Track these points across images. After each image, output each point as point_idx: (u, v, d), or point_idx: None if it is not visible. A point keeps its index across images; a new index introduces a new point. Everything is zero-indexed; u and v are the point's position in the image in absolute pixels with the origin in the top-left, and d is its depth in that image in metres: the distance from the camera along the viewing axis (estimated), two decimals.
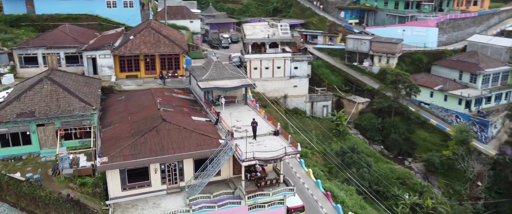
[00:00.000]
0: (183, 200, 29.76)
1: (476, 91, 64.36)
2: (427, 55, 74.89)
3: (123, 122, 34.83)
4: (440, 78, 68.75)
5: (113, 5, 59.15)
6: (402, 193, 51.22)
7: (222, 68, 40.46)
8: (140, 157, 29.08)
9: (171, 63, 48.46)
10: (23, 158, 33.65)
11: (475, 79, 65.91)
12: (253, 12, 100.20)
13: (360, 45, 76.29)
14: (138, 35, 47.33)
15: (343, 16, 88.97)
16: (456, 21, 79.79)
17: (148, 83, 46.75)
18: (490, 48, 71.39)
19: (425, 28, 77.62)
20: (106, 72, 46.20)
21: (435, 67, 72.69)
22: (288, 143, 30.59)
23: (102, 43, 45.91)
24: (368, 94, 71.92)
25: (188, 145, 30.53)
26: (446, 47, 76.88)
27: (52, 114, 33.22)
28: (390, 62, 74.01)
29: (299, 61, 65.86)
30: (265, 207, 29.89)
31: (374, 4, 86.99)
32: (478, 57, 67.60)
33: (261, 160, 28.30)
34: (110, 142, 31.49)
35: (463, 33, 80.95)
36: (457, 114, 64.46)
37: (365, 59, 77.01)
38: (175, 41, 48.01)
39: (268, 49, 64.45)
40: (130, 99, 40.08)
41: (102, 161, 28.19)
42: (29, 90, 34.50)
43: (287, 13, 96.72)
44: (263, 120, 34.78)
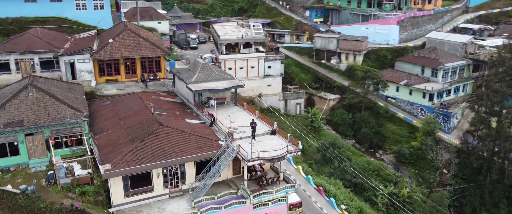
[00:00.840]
0: (187, 203, 29.93)
1: (438, 85, 68.58)
2: (390, 52, 78.64)
3: (115, 127, 34.25)
4: (404, 74, 72.53)
5: (83, 7, 57.28)
6: (379, 184, 53.77)
7: (209, 70, 40.69)
8: (143, 162, 28.90)
9: (152, 66, 47.91)
10: (12, 170, 32.27)
11: (436, 73, 70.16)
12: (218, 12, 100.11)
13: (328, 43, 78.73)
14: (117, 38, 46.34)
15: (309, 15, 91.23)
16: (415, 19, 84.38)
17: (129, 87, 46.00)
18: (447, 44, 76.21)
19: (387, 26, 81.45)
20: (85, 77, 44.91)
21: (399, 63, 76.52)
22: (287, 141, 31.56)
23: (80, 47, 44.55)
24: (338, 90, 74.46)
25: (189, 148, 30.67)
26: (408, 44, 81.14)
27: (42, 122, 32.10)
28: (357, 59, 76.98)
29: (273, 60, 67.02)
30: (268, 205, 30.70)
31: (338, 3, 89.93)
32: (437, 53, 72.02)
33: (265, 159, 29.06)
34: (107, 148, 30.95)
35: (421, 30, 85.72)
36: (422, 106, 68.38)
37: (333, 57, 79.55)
38: (156, 44, 47.46)
39: (242, 50, 65.03)
40: (117, 104, 39.34)
41: (106, 168, 27.76)
42: (14, 99, 33.07)
43: (253, 12, 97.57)
44: (258, 120, 35.48)
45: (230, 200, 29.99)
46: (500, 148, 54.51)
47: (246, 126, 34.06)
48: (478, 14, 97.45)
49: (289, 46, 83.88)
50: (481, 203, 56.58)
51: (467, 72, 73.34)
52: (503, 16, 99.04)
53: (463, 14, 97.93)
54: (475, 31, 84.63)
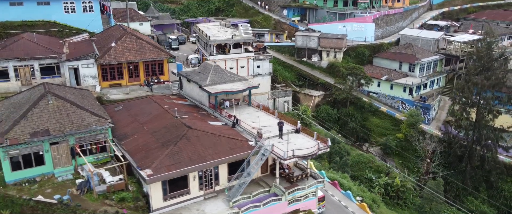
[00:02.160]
0: (223, 203, 30.70)
1: (416, 79, 72.76)
2: (368, 49, 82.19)
3: (140, 132, 34.31)
4: (384, 69, 76.21)
5: (72, 10, 55.68)
6: (373, 176, 56.66)
7: (221, 72, 41.42)
8: (181, 166, 29.36)
9: (155, 69, 47.81)
10: (37, 180, 31.55)
11: (413, 68, 74.34)
12: (194, 12, 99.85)
13: (309, 41, 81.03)
14: (119, 42, 45.84)
15: (286, 14, 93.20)
16: (388, 17, 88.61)
17: (134, 91, 45.77)
18: (420, 40, 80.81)
19: (363, 24, 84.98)
20: (89, 83, 44.15)
21: (377, 59, 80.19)
22: (313, 139, 33.08)
23: (84, 52, 43.69)
24: (322, 87, 76.97)
25: (222, 150, 31.42)
26: (383, 40, 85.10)
27: (68, 130, 31.62)
28: (338, 56, 79.82)
29: (261, 60, 68.25)
30: (301, 200, 32.10)
31: (314, 2, 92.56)
32: (413, 49, 76.26)
33: (300, 156, 30.42)
34: (140, 154, 31.08)
35: (393, 27, 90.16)
36: (402, 100, 72.29)
37: (314, 55, 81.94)
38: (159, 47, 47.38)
39: (232, 50, 65.73)
40: (131, 109, 39.17)
41: (148, 174, 28.01)
42: (34, 108, 32.28)
43: (230, 12, 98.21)
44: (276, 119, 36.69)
45: (265, 198, 31.11)
46: (479, 136, 58.99)
47: (269, 125, 35.27)
48: (441, 11, 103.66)
49: (270, 45, 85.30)
50: (463, 188, 60.94)
51: (440, 67, 78.22)
52: (463, 12, 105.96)
53: (428, 12, 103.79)
54: (443, 28, 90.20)
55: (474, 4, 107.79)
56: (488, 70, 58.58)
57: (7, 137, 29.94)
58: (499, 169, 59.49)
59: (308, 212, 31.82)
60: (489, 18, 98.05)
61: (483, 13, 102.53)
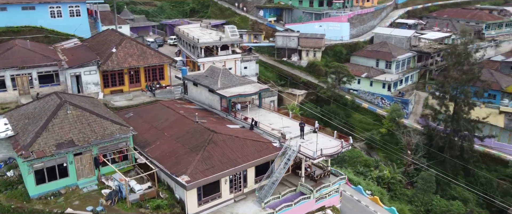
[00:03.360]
0: (254, 204, 31.45)
1: (394, 75, 76.41)
2: (345, 47, 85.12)
3: (161, 139, 34.27)
4: (363, 67, 79.34)
5: (58, 15, 53.74)
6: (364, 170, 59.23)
7: (229, 75, 41.98)
8: (215, 170, 29.81)
9: (156, 74, 47.41)
10: (62, 193, 30.77)
11: (390, 65, 77.99)
12: (169, 13, 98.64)
13: (289, 41, 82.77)
14: (119, 47, 45.05)
15: (262, 15, 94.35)
16: (361, 16, 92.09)
17: (137, 97, 45.27)
18: (393, 38, 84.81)
19: (339, 23, 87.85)
20: (92, 90, 43.16)
21: (354, 58, 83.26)
22: (333, 137, 34.54)
23: (85, 59, 42.59)
24: (304, 86, 78.95)
25: (250, 153, 32.14)
26: (359, 39, 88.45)
27: (92, 140, 31.06)
28: (317, 55, 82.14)
29: (248, 61, 69.12)
30: (326, 197, 33.45)
31: (289, 2, 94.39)
32: (389, 47, 79.98)
33: (327, 155, 31.76)
34: (170, 160, 31.17)
35: (366, 26, 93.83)
36: (382, 96, 75.71)
37: (293, 54, 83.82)
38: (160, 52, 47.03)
39: (219, 52, 66.06)
40: (143, 115, 38.82)
41: (186, 180, 28.24)
42: (54, 119, 31.41)
43: (205, 13, 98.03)
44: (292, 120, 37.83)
45: (293, 197, 32.20)
46: (457, 128, 63.18)
47: (287, 127, 36.34)
48: (406, 10, 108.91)
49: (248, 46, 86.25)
50: (444, 177, 65.02)
51: (413, 63, 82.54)
52: (425, 11, 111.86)
53: (394, 10, 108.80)
54: (411, 26, 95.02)
55: (435, 3, 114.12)
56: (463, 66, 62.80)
57: (32, 149, 29.03)
58: (475, 158, 64.00)
59: (333, 208, 33.24)
60: (450, 16, 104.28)
61: (443, 12, 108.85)
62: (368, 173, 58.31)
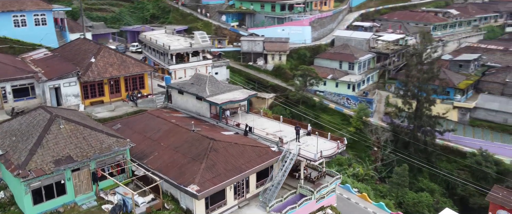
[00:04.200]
0: (258, 209, 31.92)
1: (357, 76, 79.78)
2: (308, 50, 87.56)
3: (158, 149, 33.78)
4: (327, 69, 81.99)
5: (22, 24, 50.92)
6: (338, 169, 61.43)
7: (216, 82, 42.09)
8: (222, 177, 29.94)
9: (136, 83, 46.38)
10: (61, 211, 29.44)
11: (353, 66, 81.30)
12: (127, 19, 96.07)
13: (255, 46, 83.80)
14: (98, 57, 43.61)
15: (225, 20, 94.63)
16: (322, 20, 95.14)
17: (119, 108, 44.13)
18: (353, 40, 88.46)
19: (301, 27, 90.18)
20: (72, 102, 41.47)
21: (318, 60, 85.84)
22: (327, 139, 35.80)
23: (66, 70, 40.82)
24: (272, 89, 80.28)
25: (251, 158, 32.55)
26: (321, 42, 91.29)
27: (91, 155, 30.01)
28: (282, 59, 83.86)
29: (219, 66, 69.17)
30: (325, 197, 34.59)
31: (251, 7, 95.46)
32: (350, 49, 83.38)
33: (327, 157, 32.91)
34: (173, 170, 30.86)
35: (326, 29, 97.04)
36: (347, 96, 78.73)
37: (258, 58, 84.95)
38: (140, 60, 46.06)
39: (191, 58, 65.57)
40: (132, 126, 37.92)
41: (196, 189, 28.14)
42: (47, 134, 29.99)
43: (166, 19, 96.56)
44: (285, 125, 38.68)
45: (295, 199, 33.04)
46: (420, 124, 67.33)
47: (280, 131, 37.14)
48: (360, 12, 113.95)
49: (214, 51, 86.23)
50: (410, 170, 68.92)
51: (373, 64, 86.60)
52: (377, 14, 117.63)
53: (349, 14, 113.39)
54: (367, 28, 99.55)
55: (385, 6, 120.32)
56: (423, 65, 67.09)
57: (29, 168, 27.56)
58: (437, 151, 68.47)
59: (332, 207, 34.47)
60: (400, 18, 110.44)
61: (394, 14, 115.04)
62: (342, 171, 60.52)
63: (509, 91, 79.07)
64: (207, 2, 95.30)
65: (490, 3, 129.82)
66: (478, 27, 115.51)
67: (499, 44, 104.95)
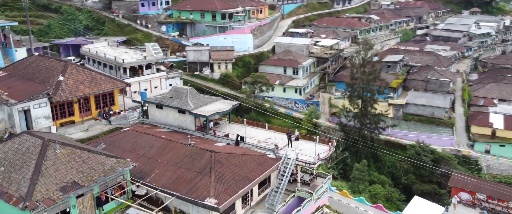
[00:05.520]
0: None
1: (303, 80, 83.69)
2: (252, 58, 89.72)
3: (158, 166, 33.14)
4: (273, 75, 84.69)
5: None
6: None
7: (196, 94, 42.11)
8: (234, 188, 30.39)
9: (106, 100, 44.39)
10: None
11: (297, 71, 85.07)
12: (58, 32, 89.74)
13: (201, 55, 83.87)
14: (66, 74, 41.01)
15: (165, 30, 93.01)
16: (261, 27, 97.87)
17: (93, 127, 42.02)
18: (294, 46, 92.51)
19: (243, 35, 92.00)
20: (43, 124, 38.54)
21: (262, 67, 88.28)
22: (315, 143, 37.86)
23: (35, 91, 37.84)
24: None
25: (253, 167, 33.39)
26: (263, 49, 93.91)
27: (96, 178, 28.60)
28: (228, 67, 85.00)
29: (173, 78, 68.18)
30: (320, 197, 36.53)
31: (191, 16, 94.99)
32: (293, 55, 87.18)
33: (323, 159, 34.90)
34: (182, 186, 30.56)
35: (265, 36, 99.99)
36: (295, 100, 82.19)
37: (204, 68, 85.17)
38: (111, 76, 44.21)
39: (145, 71, 63.83)
40: (119, 145, 36.46)
41: (215, 202, 28.32)
42: (45, 161, 27.96)
43: (101, 31, 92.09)
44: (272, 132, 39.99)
45: (295, 202, 34.53)
46: (367, 122, 72.95)
47: (269, 138, 38.45)
48: (292, 19, 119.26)
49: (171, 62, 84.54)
50: None
51: (313, 68, 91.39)
52: (306, 20, 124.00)
53: (282, 21, 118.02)
54: (302, 34, 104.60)
55: (313, 13, 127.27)
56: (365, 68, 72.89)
57: (36, 199, 25.56)
58: (381, 146, 74.65)
59: (327, 206, 36.57)
60: (328, 24, 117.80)
61: (322, 20, 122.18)
62: None
63: (431, 88, 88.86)
64: (146, 13, 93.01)
65: (401, 9, 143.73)
66: (394, 31, 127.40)
67: (414, 45, 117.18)
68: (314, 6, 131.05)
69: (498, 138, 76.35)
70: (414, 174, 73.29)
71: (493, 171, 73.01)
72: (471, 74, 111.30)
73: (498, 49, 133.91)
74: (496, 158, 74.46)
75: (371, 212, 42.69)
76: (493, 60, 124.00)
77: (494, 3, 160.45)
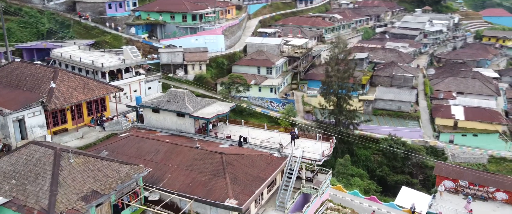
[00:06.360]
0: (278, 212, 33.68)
1: (277, 79, 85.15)
2: (225, 58, 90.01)
3: (169, 171, 33.08)
4: (248, 75, 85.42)
5: None
6: None
7: (193, 97, 42.20)
8: (250, 188, 31.02)
9: (98, 106, 43.33)
10: None
11: (270, 71, 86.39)
12: (19, 36, 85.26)
13: (174, 57, 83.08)
14: (58, 81, 39.66)
15: (135, 32, 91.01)
16: (232, 28, 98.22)
17: (88, 134, 41.02)
18: (265, 46, 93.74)
19: (214, 36, 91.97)
20: (38, 133, 37.14)
21: (236, 67, 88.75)
22: (316, 141, 39.25)
23: (29, 99, 36.33)
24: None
25: (263, 167, 34.18)
26: (235, 49, 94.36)
27: (114, 185, 28.20)
28: (202, 68, 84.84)
29: (151, 81, 67.19)
30: (324, 192, 37.91)
31: (160, 18, 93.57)
32: (266, 55, 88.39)
33: (328, 156, 36.30)
34: (198, 189, 30.78)
35: (235, 37, 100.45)
36: (270, 99, 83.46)
37: (178, 69, 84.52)
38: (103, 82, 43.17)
39: (124, 75, 62.48)
40: (123, 151, 35.87)
41: (237, 202, 28.85)
42: (61, 171, 27.23)
43: (66, 34, 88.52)
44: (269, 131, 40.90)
45: (302, 198, 35.70)
46: (342, 118, 75.66)
47: (271, 137, 39.38)
48: (258, 19, 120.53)
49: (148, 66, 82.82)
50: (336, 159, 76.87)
51: (285, 67, 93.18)
52: (272, 20, 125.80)
53: (249, 21, 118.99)
54: (270, 34, 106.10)
55: (278, 13, 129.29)
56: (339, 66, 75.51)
57: (59, 210, 24.91)
58: (356, 141, 77.73)
59: (330, 201, 38.06)
60: (294, 23, 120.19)
61: (287, 20, 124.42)
62: None
63: (396, 83, 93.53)
64: (113, 14, 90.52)
65: (360, 8, 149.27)
66: (356, 29, 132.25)
67: (376, 43, 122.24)
68: (278, 5, 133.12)
69: (460, 128, 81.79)
70: (387, 166, 76.86)
71: (457, 159, 78.06)
72: (429, 69, 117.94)
73: (450, 45, 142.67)
74: (460, 147, 79.74)
75: (366, 204, 44.78)
76: (447, 55, 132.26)
77: (443, 2, 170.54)
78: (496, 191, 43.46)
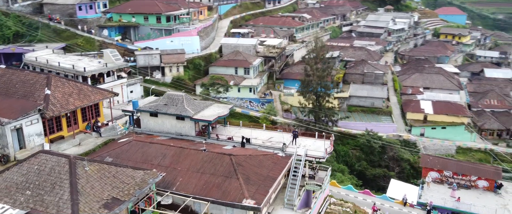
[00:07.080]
0: (287, 211, 34.62)
1: (255, 80, 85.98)
2: (202, 59, 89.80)
3: (179, 175, 33.19)
4: (226, 76, 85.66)
5: None
6: None
7: (191, 100, 42.26)
8: (263, 188, 31.74)
9: (92, 112, 42.41)
10: None
11: (248, 71, 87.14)
12: None
13: (152, 59, 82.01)
14: (53, 87, 38.49)
15: (107, 34, 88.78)
16: (206, 29, 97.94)
17: (85, 140, 40.19)
18: (241, 46, 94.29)
19: (190, 37, 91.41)
20: (36, 142, 35.98)
21: (213, 68, 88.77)
22: (315, 139, 40.48)
23: (25, 107, 35.09)
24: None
25: (271, 166, 34.94)
26: (211, 51, 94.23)
27: (133, 191, 28.03)
28: (180, 70, 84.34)
29: (133, 84, 66.13)
30: (326, 188, 39.20)
31: (132, 20, 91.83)
32: (243, 55, 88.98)
33: (330, 153, 37.60)
34: (213, 191, 31.14)
35: (210, 38, 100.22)
36: (250, 99, 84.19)
37: (155, 72, 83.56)
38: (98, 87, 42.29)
39: (106, 79, 61.14)
40: (128, 157, 35.47)
41: (254, 202, 29.48)
42: (78, 179, 26.77)
43: (34, 37, 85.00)
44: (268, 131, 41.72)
45: (306, 195, 36.85)
46: (321, 116, 77.72)
47: (271, 137, 40.23)
48: (229, 20, 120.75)
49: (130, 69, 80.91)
50: None
51: (262, 67, 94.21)
52: (242, 20, 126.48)
53: (220, 21, 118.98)
54: (243, 34, 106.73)
55: (247, 13, 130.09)
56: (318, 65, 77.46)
57: None
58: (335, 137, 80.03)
59: (330, 196, 39.43)
60: (265, 23, 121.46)
61: (258, 20, 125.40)
62: None
63: (368, 80, 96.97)
64: (84, 16, 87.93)
65: (326, 7, 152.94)
66: (324, 28, 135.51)
67: (344, 41, 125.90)
68: (248, 6, 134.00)
69: (429, 121, 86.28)
70: (365, 161, 79.75)
71: (429, 151, 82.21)
72: (395, 66, 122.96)
73: (411, 42, 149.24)
74: (430, 139, 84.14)
75: (361, 197, 46.62)
76: (409, 52, 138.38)
77: (402, 1, 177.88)
78: (478, 179, 46.58)
